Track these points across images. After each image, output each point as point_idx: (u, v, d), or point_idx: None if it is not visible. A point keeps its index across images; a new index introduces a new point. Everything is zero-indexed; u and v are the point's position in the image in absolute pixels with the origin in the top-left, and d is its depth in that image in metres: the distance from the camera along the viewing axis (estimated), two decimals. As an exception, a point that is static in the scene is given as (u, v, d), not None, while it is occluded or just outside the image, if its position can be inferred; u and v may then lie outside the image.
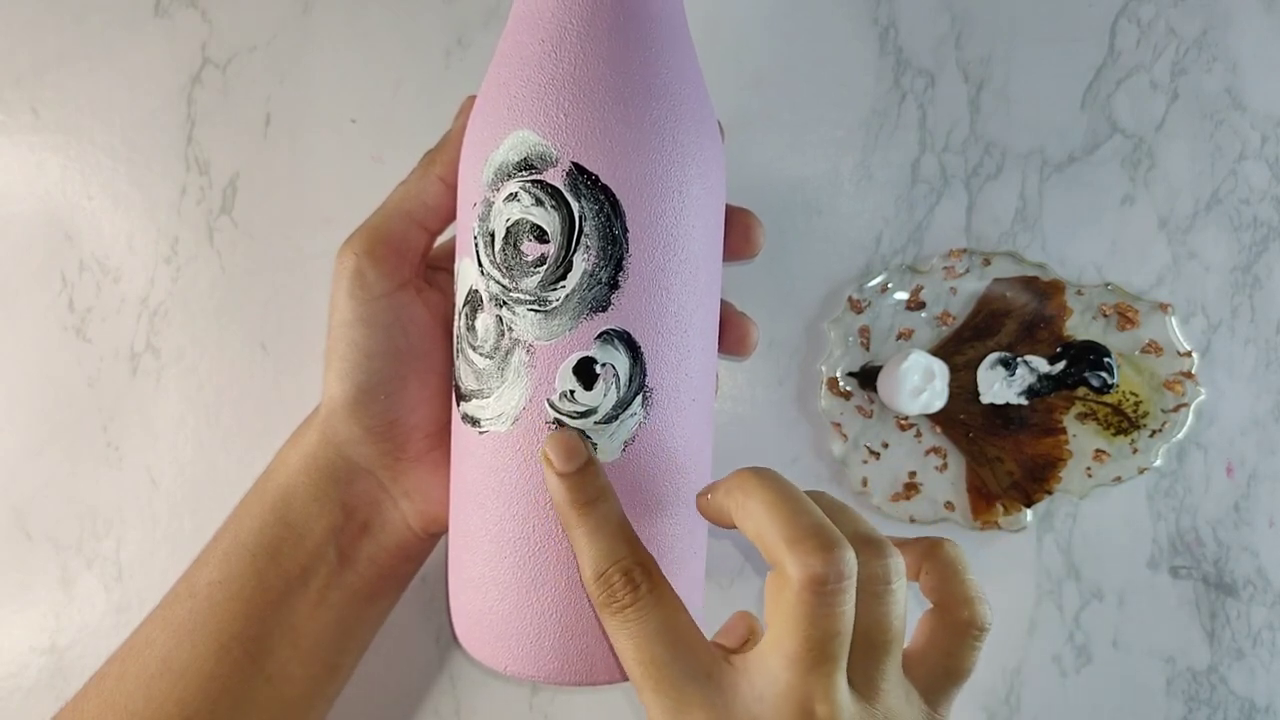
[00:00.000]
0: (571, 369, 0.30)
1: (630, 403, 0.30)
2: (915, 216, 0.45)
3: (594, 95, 0.29)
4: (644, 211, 0.29)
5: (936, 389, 0.42)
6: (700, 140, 0.31)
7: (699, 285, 0.31)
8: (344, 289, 0.34)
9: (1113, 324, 0.44)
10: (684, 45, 0.31)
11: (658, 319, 0.30)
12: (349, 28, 0.45)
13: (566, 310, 0.29)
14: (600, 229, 0.29)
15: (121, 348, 0.44)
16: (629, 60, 0.30)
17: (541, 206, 0.29)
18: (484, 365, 0.31)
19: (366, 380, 0.34)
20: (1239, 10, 0.45)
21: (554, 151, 0.29)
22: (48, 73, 0.44)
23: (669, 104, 0.30)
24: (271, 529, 0.35)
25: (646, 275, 0.30)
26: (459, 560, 0.32)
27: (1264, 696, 0.45)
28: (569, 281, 0.29)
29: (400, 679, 0.44)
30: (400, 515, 0.36)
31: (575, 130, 0.29)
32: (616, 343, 0.30)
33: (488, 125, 0.30)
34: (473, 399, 0.31)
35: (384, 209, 0.35)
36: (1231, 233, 0.46)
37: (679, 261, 0.30)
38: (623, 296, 0.29)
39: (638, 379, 0.30)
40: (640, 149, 0.29)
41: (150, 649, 0.34)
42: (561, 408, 0.30)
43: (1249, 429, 0.45)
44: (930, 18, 0.45)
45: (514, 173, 0.29)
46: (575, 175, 0.29)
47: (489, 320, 0.30)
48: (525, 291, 0.30)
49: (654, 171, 0.29)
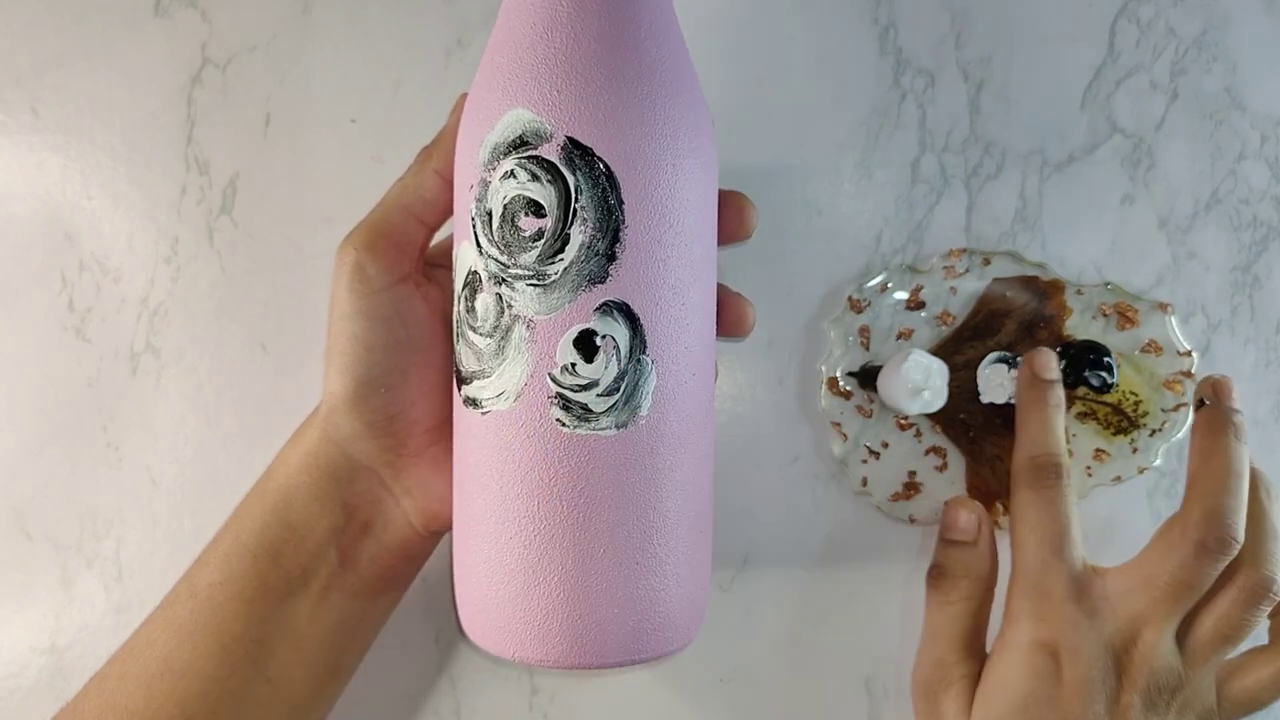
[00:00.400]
0: (572, 342, 0.30)
1: (627, 375, 0.30)
2: (915, 216, 0.45)
3: (586, 71, 0.29)
4: (638, 184, 0.30)
5: (936, 389, 0.42)
6: (690, 115, 0.31)
7: (695, 259, 0.31)
8: (344, 284, 0.34)
9: (1112, 324, 0.44)
10: (670, 23, 0.32)
11: (655, 290, 0.30)
12: (349, 28, 0.45)
13: (565, 283, 0.29)
14: (596, 201, 0.29)
15: (121, 348, 0.44)
16: (619, 38, 0.30)
17: (538, 181, 0.29)
18: (484, 345, 0.31)
19: (366, 374, 0.34)
20: (1239, 10, 0.46)
21: (548, 127, 0.29)
22: (48, 73, 0.44)
23: (659, 79, 0.30)
24: (273, 529, 0.35)
25: (643, 247, 0.30)
26: (464, 548, 0.32)
27: (1264, 696, 0.45)
28: (567, 254, 0.29)
29: (400, 679, 0.44)
30: (402, 513, 0.36)
31: (568, 105, 0.29)
32: (616, 314, 0.30)
33: (482, 109, 0.31)
34: (474, 380, 0.31)
35: (382, 205, 0.35)
36: (1231, 232, 0.46)
37: (675, 234, 0.30)
38: (620, 268, 0.30)
39: (637, 351, 0.30)
40: (633, 122, 0.30)
41: (151, 650, 0.34)
42: (563, 381, 0.30)
43: (1249, 429, 0.45)
44: (930, 17, 0.45)
45: (510, 151, 0.30)
46: (570, 148, 0.29)
47: (488, 299, 0.30)
48: (524, 267, 0.30)
49: (647, 144, 0.30)
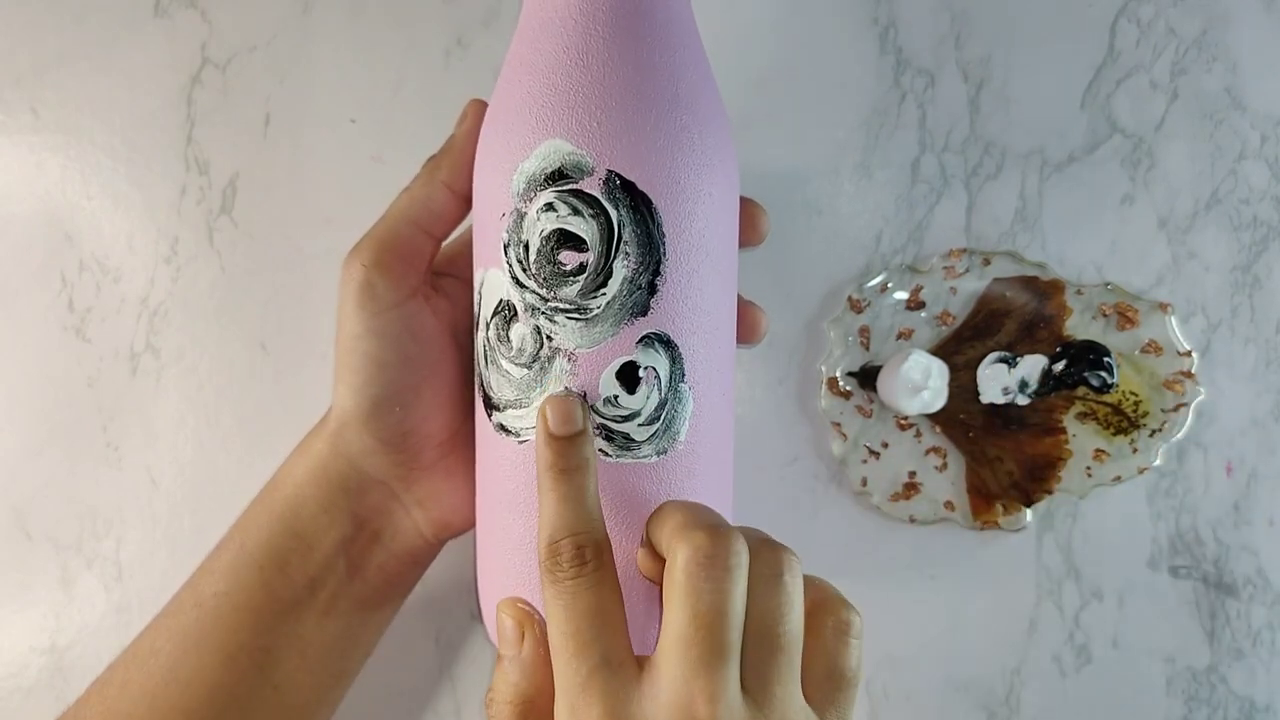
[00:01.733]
0: (615, 374, 0.30)
1: (667, 403, 0.30)
2: (915, 216, 0.45)
3: (625, 102, 0.29)
4: (678, 215, 0.29)
5: (936, 389, 0.42)
6: (721, 141, 0.31)
7: (725, 283, 0.32)
8: (352, 301, 0.33)
9: (1112, 324, 0.44)
10: (697, 48, 0.31)
11: (693, 318, 0.30)
12: (349, 28, 0.45)
13: (608, 317, 0.29)
14: (639, 235, 0.29)
15: (121, 348, 0.44)
16: (654, 65, 0.30)
17: (580, 216, 0.29)
18: (520, 375, 0.30)
19: (380, 393, 0.33)
20: (1239, 10, 0.45)
21: (589, 160, 0.29)
22: (48, 73, 0.44)
23: (693, 107, 0.30)
24: (279, 540, 0.34)
25: (681, 277, 0.30)
26: (497, 571, 0.32)
27: (1264, 696, 0.45)
28: (609, 289, 0.29)
29: (400, 679, 0.44)
30: (412, 523, 0.36)
31: (609, 138, 0.29)
32: (657, 345, 0.30)
33: (513, 134, 0.30)
34: (508, 409, 0.31)
35: (389, 217, 0.34)
36: (1231, 232, 0.46)
37: (710, 262, 0.31)
38: (661, 300, 0.30)
39: (677, 379, 0.30)
40: (673, 154, 0.29)
41: (155, 659, 0.34)
42: (604, 412, 0.30)
43: (1249, 429, 0.45)
44: (930, 17, 0.45)
45: (548, 183, 0.29)
46: (612, 183, 0.29)
47: (525, 330, 0.30)
48: (565, 300, 0.30)
49: (685, 175, 0.30)
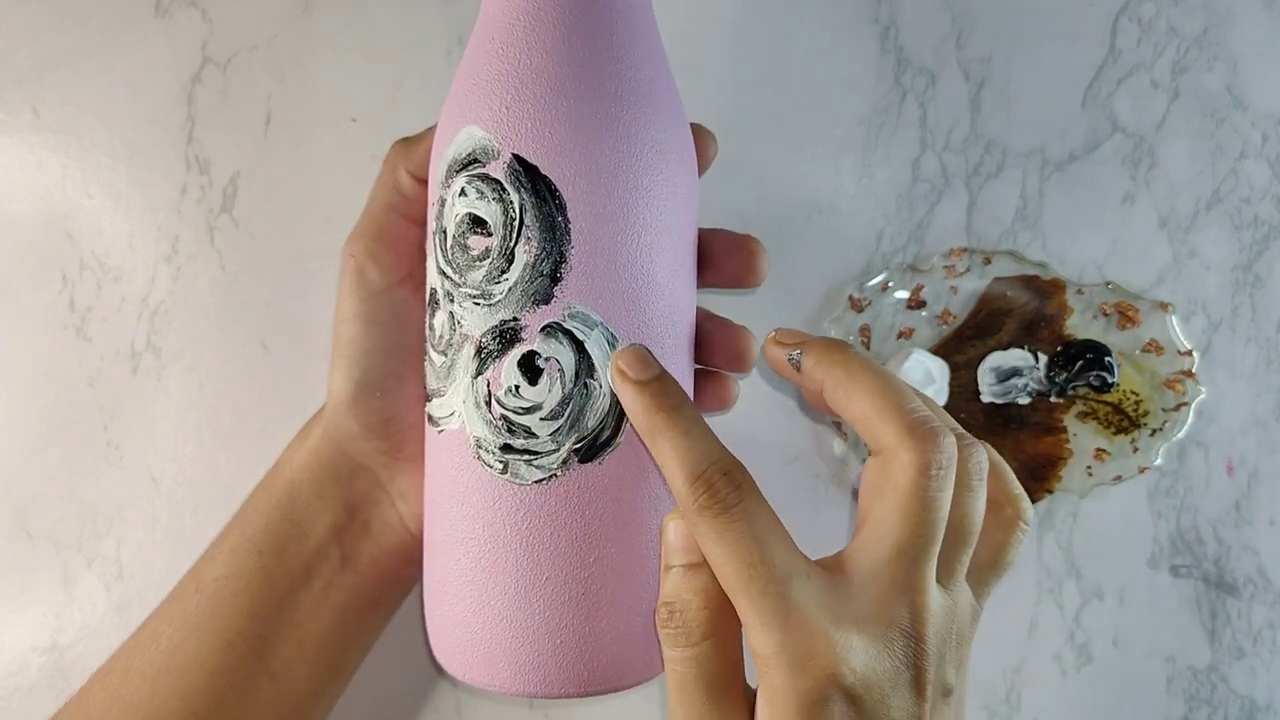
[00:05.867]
0: (516, 363, 0.29)
1: (573, 399, 0.29)
2: (916, 215, 0.45)
3: (536, 86, 0.29)
4: (590, 203, 0.29)
5: (937, 388, 0.42)
6: (655, 128, 0.30)
7: (659, 281, 0.30)
8: (346, 286, 0.34)
9: (1113, 323, 0.44)
10: (640, 34, 0.30)
11: (617, 313, 0.29)
12: (349, 28, 0.45)
13: (510, 303, 0.29)
14: (541, 220, 0.28)
15: (122, 347, 0.44)
16: (575, 51, 0.29)
17: (484, 199, 0.29)
18: (440, 363, 0.30)
19: (364, 376, 0.34)
20: (1240, 9, 0.45)
21: (496, 144, 0.29)
22: (48, 72, 0.44)
23: (619, 93, 0.29)
24: (277, 525, 0.35)
25: (594, 268, 0.29)
26: (426, 571, 0.32)
27: (1265, 695, 0.45)
28: (511, 274, 0.29)
29: (400, 679, 0.44)
30: (397, 516, 0.36)
31: (516, 122, 0.29)
32: (560, 336, 0.29)
33: (445, 125, 0.30)
34: (433, 398, 0.31)
35: (369, 208, 0.35)
36: (1232, 231, 0.45)
37: (630, 253, 0.29)
38: (566, 289, 0.29)
39: (584, 374, 0.29)
40: (586, 139, 0.29)
41: (156, 644, 0.34)
42: (506, 403, 0.29)
43: (1250, 428, 0.45)
44: (931, 16, 0.45)
45: (462, 168, 0.29)
46: (515, 167, 0.29)
47: (444, 317, 0.30)
48: (472, 286, 0.29)
49: (601, 161, 0.29)
